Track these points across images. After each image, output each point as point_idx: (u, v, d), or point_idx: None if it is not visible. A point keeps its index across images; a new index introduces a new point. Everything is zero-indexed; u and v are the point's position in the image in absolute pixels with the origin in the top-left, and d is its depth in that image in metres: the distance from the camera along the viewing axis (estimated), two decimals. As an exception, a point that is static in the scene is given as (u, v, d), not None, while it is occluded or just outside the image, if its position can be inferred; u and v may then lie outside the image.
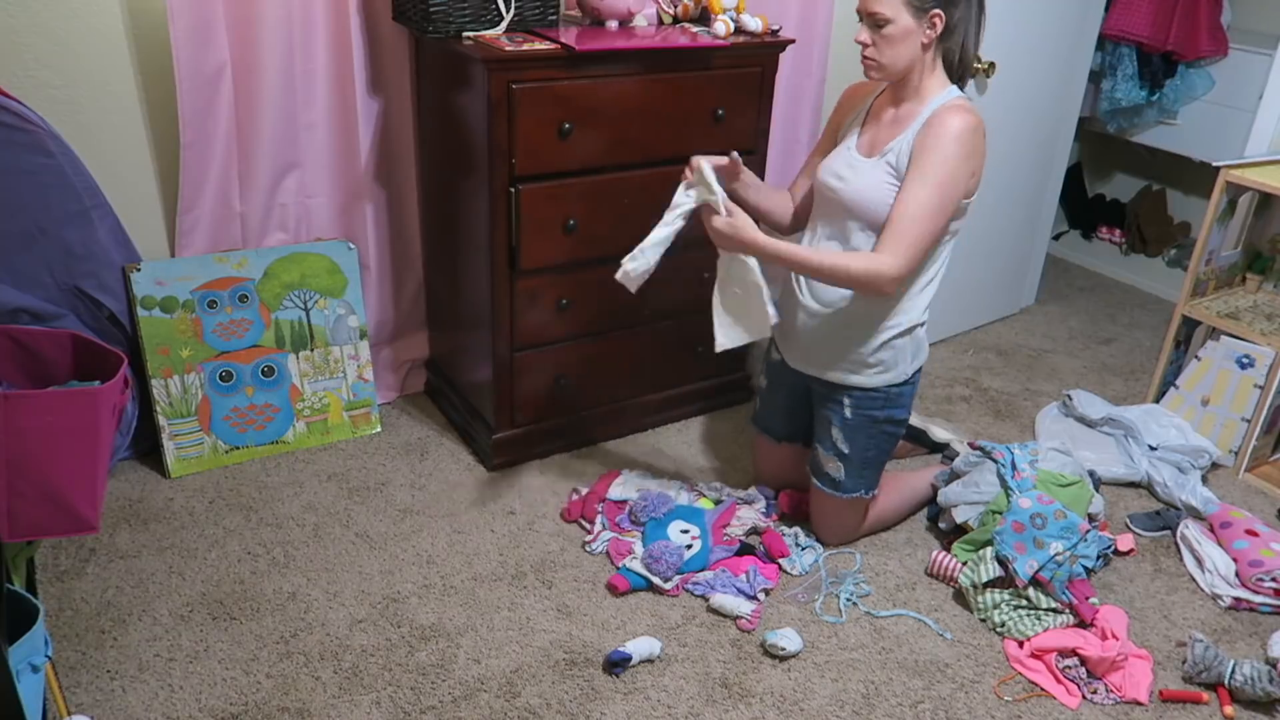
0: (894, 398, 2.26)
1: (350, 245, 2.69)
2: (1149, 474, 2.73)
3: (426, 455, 2.70)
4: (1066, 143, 3.62)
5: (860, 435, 2.27)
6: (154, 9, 2.28)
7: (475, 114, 2.31)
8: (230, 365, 2.58)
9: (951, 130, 2.00)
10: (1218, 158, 2.88)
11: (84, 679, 1.93)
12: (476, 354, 2.62)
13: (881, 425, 2.28)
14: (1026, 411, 3.12)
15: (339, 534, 2.37)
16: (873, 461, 2.32)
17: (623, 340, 2.71)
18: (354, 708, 1.91)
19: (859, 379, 2.23)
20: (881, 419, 2.27)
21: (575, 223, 2.45)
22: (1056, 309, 3.89)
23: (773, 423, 2.51)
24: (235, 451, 2.61)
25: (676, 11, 2.64)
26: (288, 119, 2.49)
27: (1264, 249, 3.08)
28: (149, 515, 2.40)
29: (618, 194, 2.49)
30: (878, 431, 2.28)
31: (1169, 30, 3.54)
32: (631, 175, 2.48)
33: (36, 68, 2.22)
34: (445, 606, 2.17)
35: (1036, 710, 2.01)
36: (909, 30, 2.01)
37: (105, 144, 2.35)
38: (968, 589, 2.26)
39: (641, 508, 2.40)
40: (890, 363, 2.21)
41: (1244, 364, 2.80)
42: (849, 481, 2.32)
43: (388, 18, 2.51)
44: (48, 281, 2.29)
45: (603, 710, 1.94)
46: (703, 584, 2.24)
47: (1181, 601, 2.34)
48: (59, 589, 2.15)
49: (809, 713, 1.97)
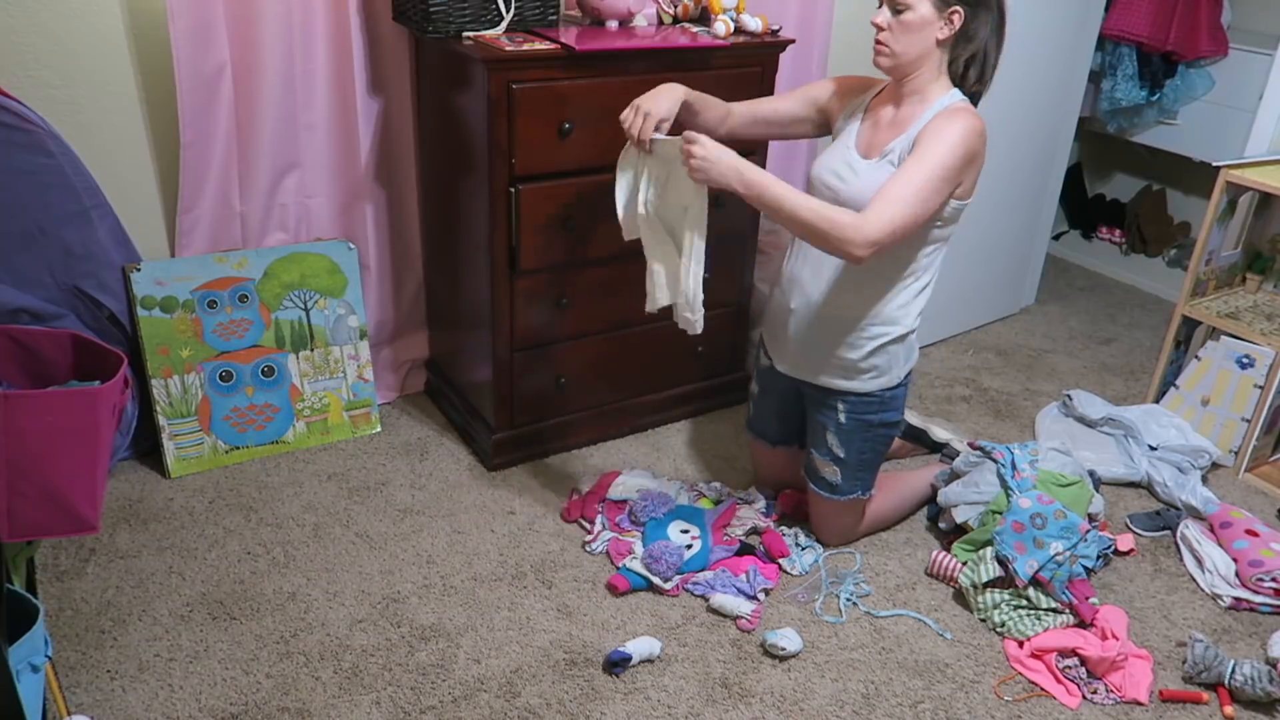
0: (888, 401, 2.25)
1: (350, 245, 2.69)
2: (1149, 474, 2.73)
3: (426, 455, 2.70)
4: (1066, 143, 3.62)
5: (856, 439, 2.27)
6: (154, 9, 2.28)
7: (475, 114, 2.31)
8: (230, 365, 2.58)
9: (956, 127, 1.98)
10: (1218, 158, 2.88)
11: (84, 679, 1.93)
12: (476, 354, 2.62)
13: (876, 429, 2.27)
14: (1026, 411, 3.12)
15: (339, 534, 2.38)
16: (869, 463, 2.32)
17: (622, 340, 2.71)
18: (354, 708, 1.91)
19: (853, 384, 2.22)
20: (876, 423, 2.26)
21: (575, 223, 2.45)
22: (1056, 309, 3.89)
23: (766, 428, 2.51)
24: (235, 451, 2.61)
25: (676, 11, 2.64)
26: (288, 119, 2.49)
27: (1264, 249, 3.08)
28: (149, 515, 2.40)
29: (618, 194, 2.49)
30: (873, 435, 2.28)
31: (1169, 30, 3.54)
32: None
33: (36, 68, 2.22)
34: (445, 606, 2.17)
35: (1036, 710, 2.01)
36: (927, 21, 1.99)
37: (105, 144, 2.35)
38: (968, 589, 2.26)
39: (641, 508, 2.40)
40: (884, 368, 2.20)
41: (1244, 364, 2.80)
42: (846, 485, 2.32)
43: (388, 18, 2.51)
44: (48, 281, 2.29)
45: (603, 710, 1.94)
46: (703, 584, 2.24)
47: (1181, 601, 2.34)
48: (59, 589, 2.15)
49: (809, 713, 1.97)
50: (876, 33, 2.03)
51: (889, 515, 2.50)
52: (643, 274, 2.21)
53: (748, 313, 2.94)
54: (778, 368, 2.34)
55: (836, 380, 2.23)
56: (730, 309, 2.85)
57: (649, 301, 2.22)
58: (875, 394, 2.23)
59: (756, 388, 2.49)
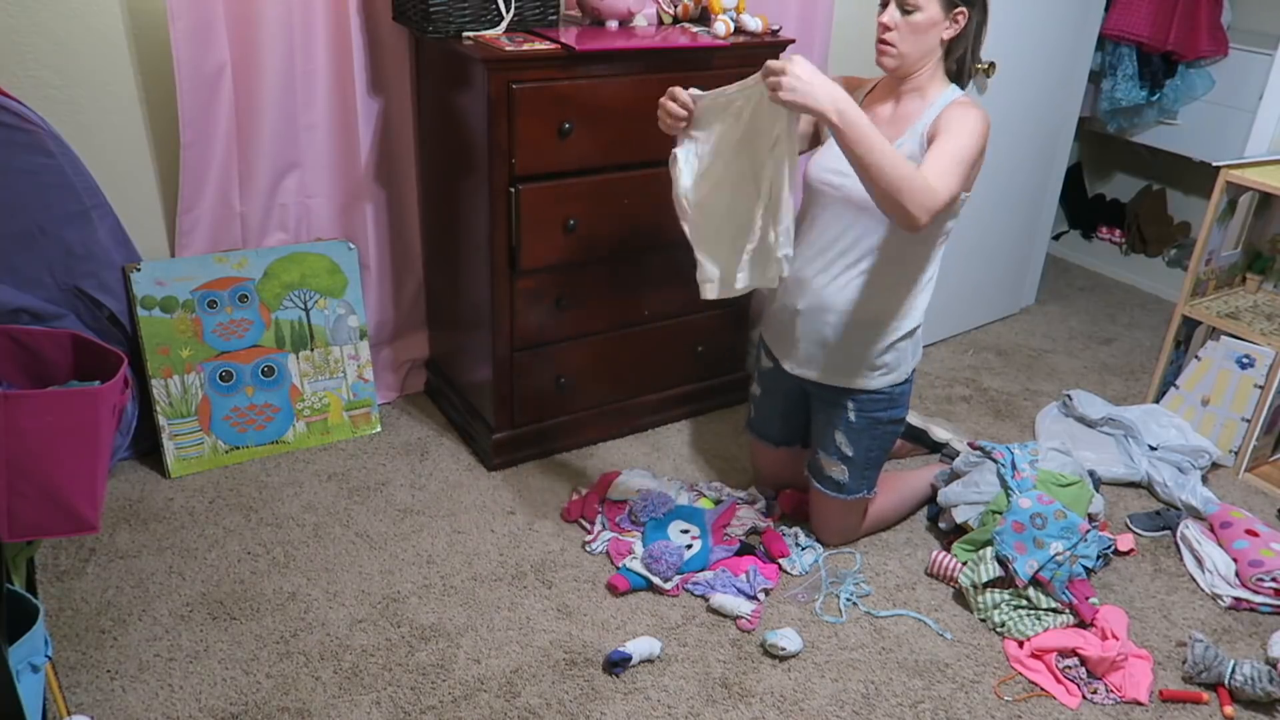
0: (897, 398, 2.26)
1: (350, 245, 2.69)
2: (1149, 474, 2.73)
3: (426, 455, 2.70)
4: (1066, 143, 3.62)
5: (865, 437, 2.27)
6: (154, 9, 2.28)
7: (475, 114, 2.31)
8: (230, 365, 2.58)
9: (975, 116, 1.99)
10: (1218, 158, 2.88)
11: (84, 679, 1.93)
12: (476, 354, 2.62)
13: (885, 426, 2.28)
14: (1026, 411, 3.12)
15: (339, 534, 2.38)
16: (875, 461, 2.32)
17: (622, 340, 2.71)
18: (354, 708, 1.91)
19: (864, 382, 2.22)
20: (885, 420, 2.27)
21: (575, 223, 2.45)
22: (1056, 309, 3.89)
23: (769, 428, 2.50)
24: (235, 451, 2.61)
25: (676, 11, 2.64)
26: (288, 119, 2.49)
27: (1264, 249, 3.08)
28: (149, 515, 2.40)
29: (618, 194, 2.49)
30: (881, 432, 2.28)
31: (1169, 30, 3.54)
32: (631, 175, 2.48)
33: (36, 68, 2.22)
34: (445, 606, 2.17)
35: (1036, 710, 2.01)
36: (935, 22, 1.99)
37: (105, 144, 2.35)
38: (968, 589, 2.26)
39: (641, 508, 2.40)
40: (894, 364, 2.21)
41: (1244, 364, 2.80)
42: (853, 484, 2.32)
43: (388, 18, 2.51)
44: (48, 281, 2.29)
45: (603, 710, 1.94)
46: (703, 584, 2.24)
47: (1181, 601, 2.34)
48: (59, 589, 2.15)
49: (809, 713, 1.97)
50: (882, 32, 2.02)
51: (889, 515, 2.50)
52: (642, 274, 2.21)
53: (748, 313, 2.94)
54: (784, 367, 2.34)
55: (848, 379, 2.23)
56: (730, 309, 2.85)
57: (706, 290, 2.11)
58: (884, 391, 2.23)
59: (759, 389, 2.48)
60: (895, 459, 2.80)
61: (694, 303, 2.18)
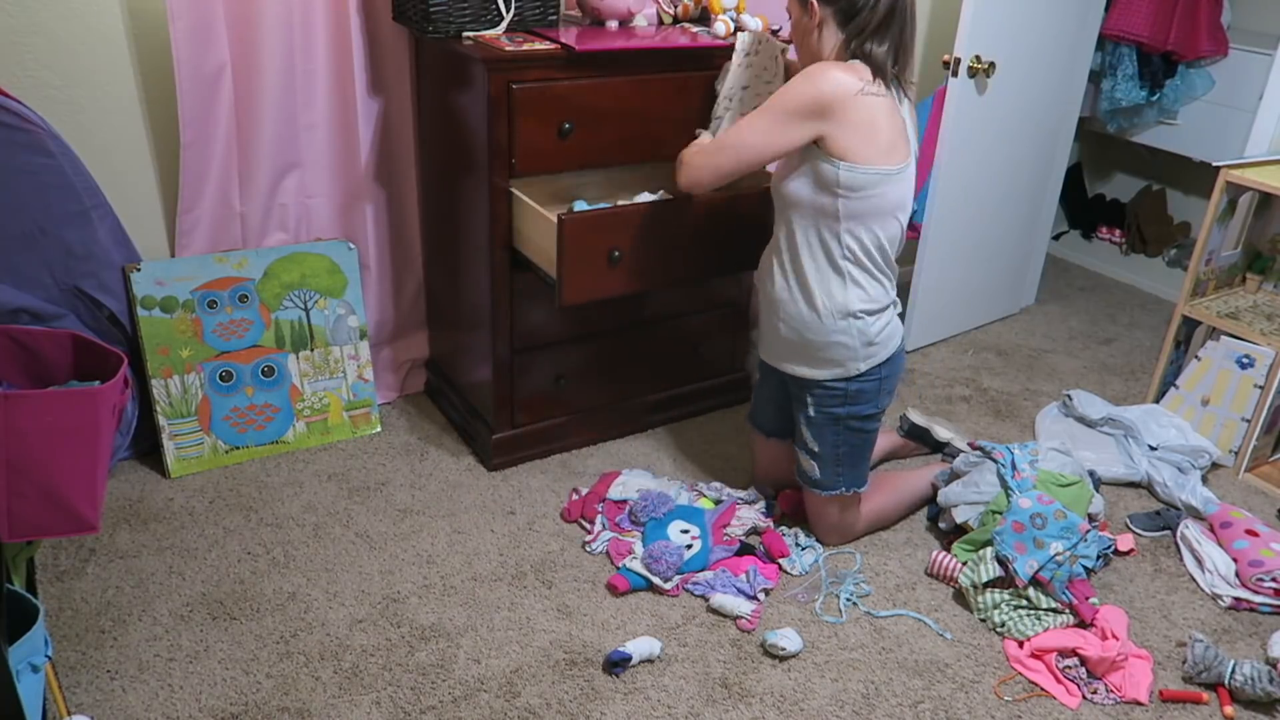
0: (853, 395, 2.23)
1: (350, 245, 2.69)
2: (1149, 474, 2.73)
3: (426, 455, 2.70)
4: (1066, 143, 3.62)
5: (827, 432, 2.28)
6: (154, 9, 2.28)
7: (475, 114, 2.31)
8: (230, 365, 2.58)
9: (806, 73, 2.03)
10: (1218, 158, 2.88)
11: (84, 679, 1.93)
12: (476, 354, 2.62)
13: (845, 422, 2.26)
14: (1026, 411, 3.12)
15: (339, 534, 2.38)
16: (845, 458, 2.31)
17: (622, 340, 2.71)
18: (354, 708, 1.91)
19: (811, 373, 2.23)
20: (844, 416, 2.26)
21: (575, 223, 2.45)
22: (1056, 309, 3.89)
23: (763, 417, 2.52)
24: (235, 451, 2.61)
25: (676, 11, 2.64)
26: (288, 119, 2.49)
27: (1264, 249, 3.08)
28: (149, 515, 2.40)
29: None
30: (843, 429, 2.27)
31: (1169, 30, 3.53)
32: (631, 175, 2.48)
33: (36, 68, 2.22)
34: (445, 606, 2.17)
35: (1036, 710, 2.01)
36: (799, 22, 2.11)
37: (105, 144, 2.35)
38: (968, 589, 2.26)
39: (641, 508, 2.40)
40: (840, 359, 2.19)
41: (1244, 364, 2.80)
42: (825, 479, 2.32)
43: (388, 18, 2.51)
44: (48, 281, 2.29)
45: (603, 710, 1.94)
46: (703, 584, 2.24)
47: (1181, 601, 2.34)
48: (59, 589, 2.15)
49: (809, 713, 1.97)
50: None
51: (889, 515, 2.50)
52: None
53: (747, 313, 2.94)
54: (761, 356, 2.39)
55: (795, 367, 2.26)
56: (729, 309, 2.85)
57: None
58: (836, 386, 2.23)
59: (758, 376, 2.51)
60: (896, 459, 2.80)
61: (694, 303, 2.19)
